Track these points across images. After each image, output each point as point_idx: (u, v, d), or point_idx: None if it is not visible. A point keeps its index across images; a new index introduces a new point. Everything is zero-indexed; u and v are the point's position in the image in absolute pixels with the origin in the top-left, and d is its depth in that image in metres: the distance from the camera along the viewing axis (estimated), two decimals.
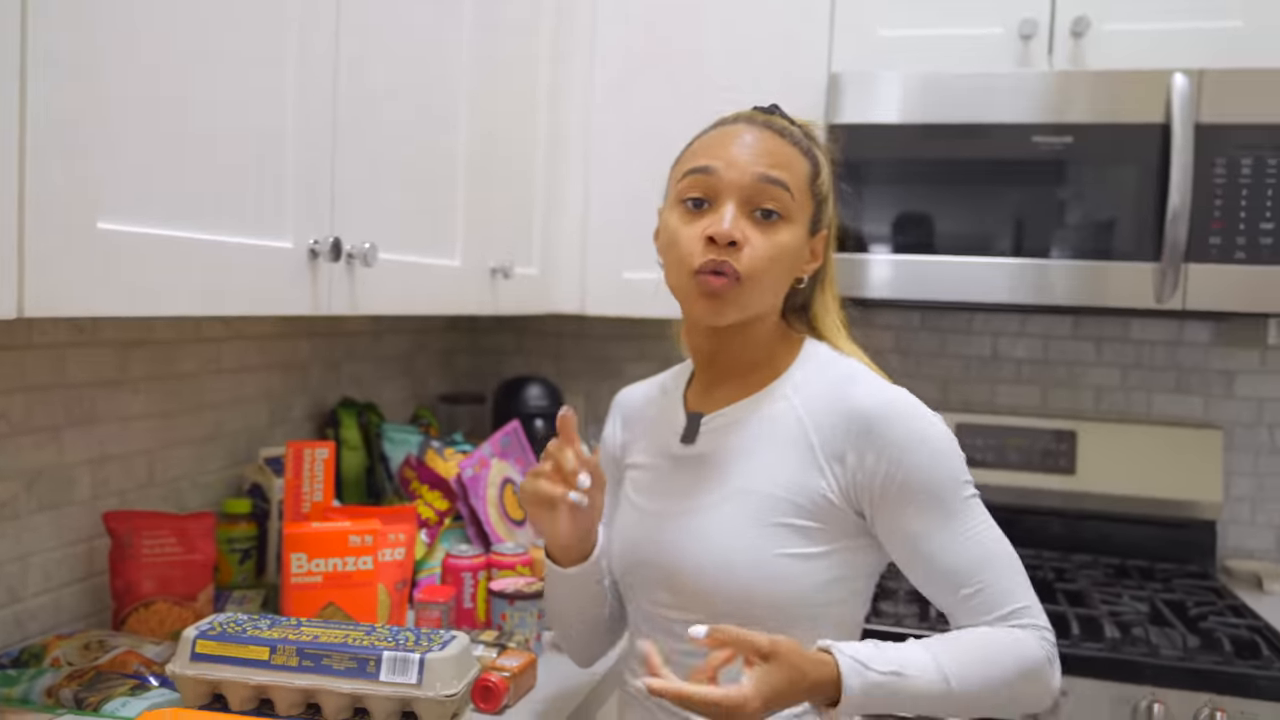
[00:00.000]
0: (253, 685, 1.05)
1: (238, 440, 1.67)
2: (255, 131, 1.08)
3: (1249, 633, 1.64)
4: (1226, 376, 2.15)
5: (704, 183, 1.06)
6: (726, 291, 1.04)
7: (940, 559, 1.03)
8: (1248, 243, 1.75)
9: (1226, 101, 1.75)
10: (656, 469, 1.16)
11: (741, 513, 1.05)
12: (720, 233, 1.03)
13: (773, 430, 1.08)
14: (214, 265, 1.01)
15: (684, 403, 1.18)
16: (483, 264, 1.69)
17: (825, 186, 1.11)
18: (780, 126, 1.10)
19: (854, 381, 1.07)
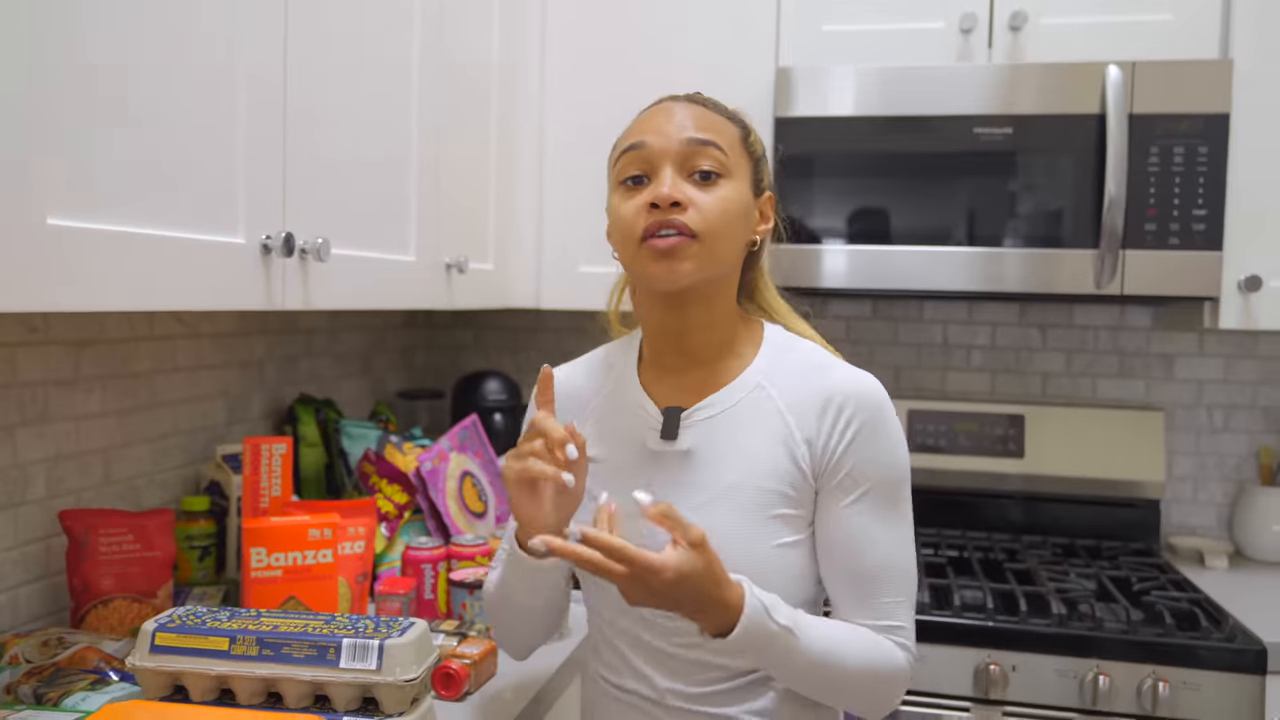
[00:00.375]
0: (213, 675, 1.06)
1: (195, 438, 1.67)
2: (204, 126, 1.08)
3: (1189, 605, 1.71)
4: (1166, 360, 2.22)
5: (638, 158, 1.07)
6: (680, 248, 1.03)
7: (859, 551, 1.05)
8: (1181, 229, 1.81)
9: (1158, 92, 1.81)
10: (623, 463, 1.12)
11: (737, 509, 1.06)
12: (661, 195, 1.03)
13: (755, 422, 1.08)
14: (165, 260, 1.02)
15: (643, 391, 1.14)
16: (437, 259, 1.70)
17: (758, 146, 1.12)
18: (703, 99, 1.12)
19: (828, 369, 1.09)
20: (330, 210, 1.36)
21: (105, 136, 0.94)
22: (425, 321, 2.58)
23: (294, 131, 1.25)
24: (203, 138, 1.08)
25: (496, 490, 1.90)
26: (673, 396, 1.13)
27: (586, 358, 1.25)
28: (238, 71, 1.14)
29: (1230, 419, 2.19)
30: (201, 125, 1.08)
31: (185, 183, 1.06)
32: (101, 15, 0.93)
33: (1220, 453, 2.20)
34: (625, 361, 1.19)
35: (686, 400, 1.12)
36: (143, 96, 0.99)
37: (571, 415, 1.19)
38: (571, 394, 1.21)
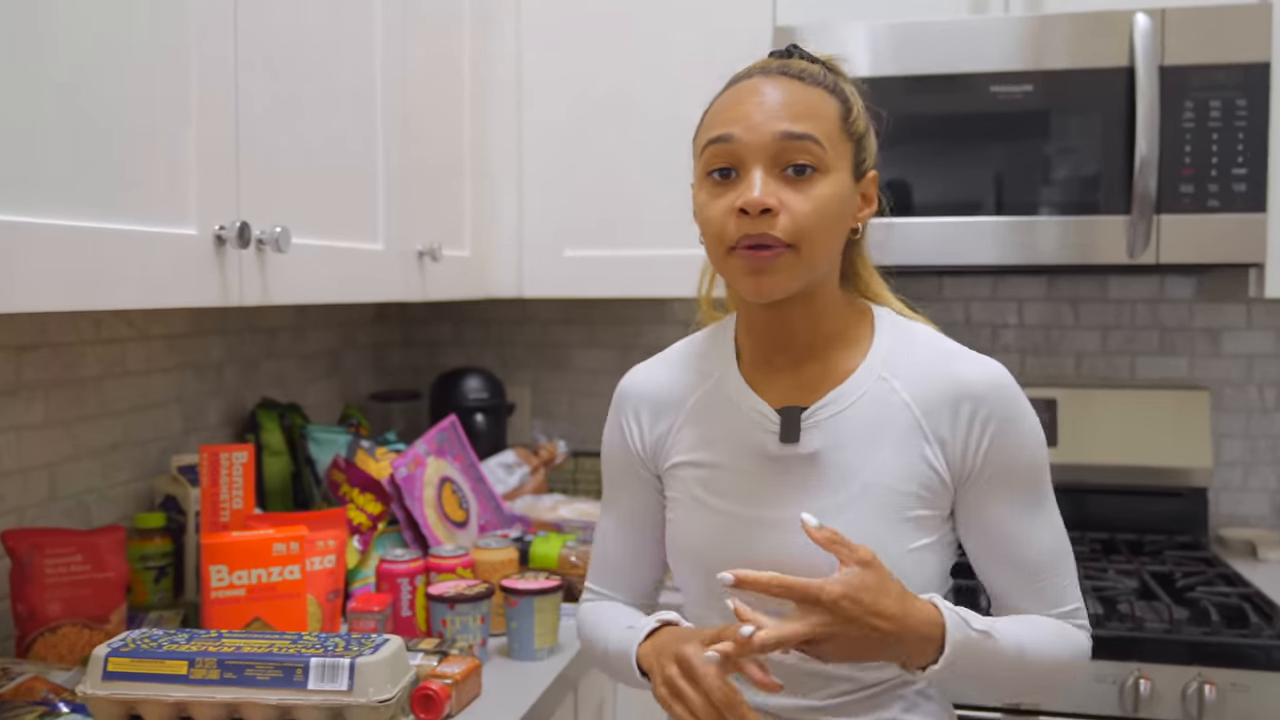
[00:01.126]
0: (171, 702, 1.09)
1: (148, 449, 1.70)
2: (149, 110, 1.10)
3: (1239, 601, 1.72)
4: (1212, 334, 2.24)
5: (725, 151, 1.06)
6: (773, 262, 1.03)
7: (1020, 546, 1.09)
8: (1220, 190, 1.83)
9: (1191, 41, 1.82)
10: (735, 468, 1.12)
11: (871, 513, 1.06)
12: (751, 201, 1.02)
13: (882, 418, 1.08)
14: (110, 256, 1.04)
15: (750, 390, 1.14)
16: (408, 246, 1.72)
17: (860, 122, 1.10)
18: (798, 70, 1.09)
19: (954, 356, 1.10)
20: (289, 197, 1.38)
21: (42, 123, 0.96)
22: (399, 316, 2.60)
23: (248, 115, 1.27)
24: (148, 122, 1.10)
25: (479, 496, 1.92)
26: (786, 395, 1.13)
27: (668, 354, 1.24)
28: (188, 53, 1.15)
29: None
30: (146, 109, 1.10)
31: (129, 171, 1.08)
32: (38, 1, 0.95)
33: (1273, 435, 2.21)
34: (723, 357, 1.18)
35: (802, 398, 1.12)
36: (82, 80, 1.00)
37: (663, 415, 1.19)
38: (660, 392, 1.20)
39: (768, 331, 1.12)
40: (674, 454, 1.17)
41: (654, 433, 1.19)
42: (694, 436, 1.16)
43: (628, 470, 1.22)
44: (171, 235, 1.13)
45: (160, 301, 1.12)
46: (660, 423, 1.19)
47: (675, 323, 2.46)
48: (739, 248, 1.03)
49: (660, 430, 1.19)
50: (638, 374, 1.23)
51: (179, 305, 1.15)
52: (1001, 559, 1.10)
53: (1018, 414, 1.08)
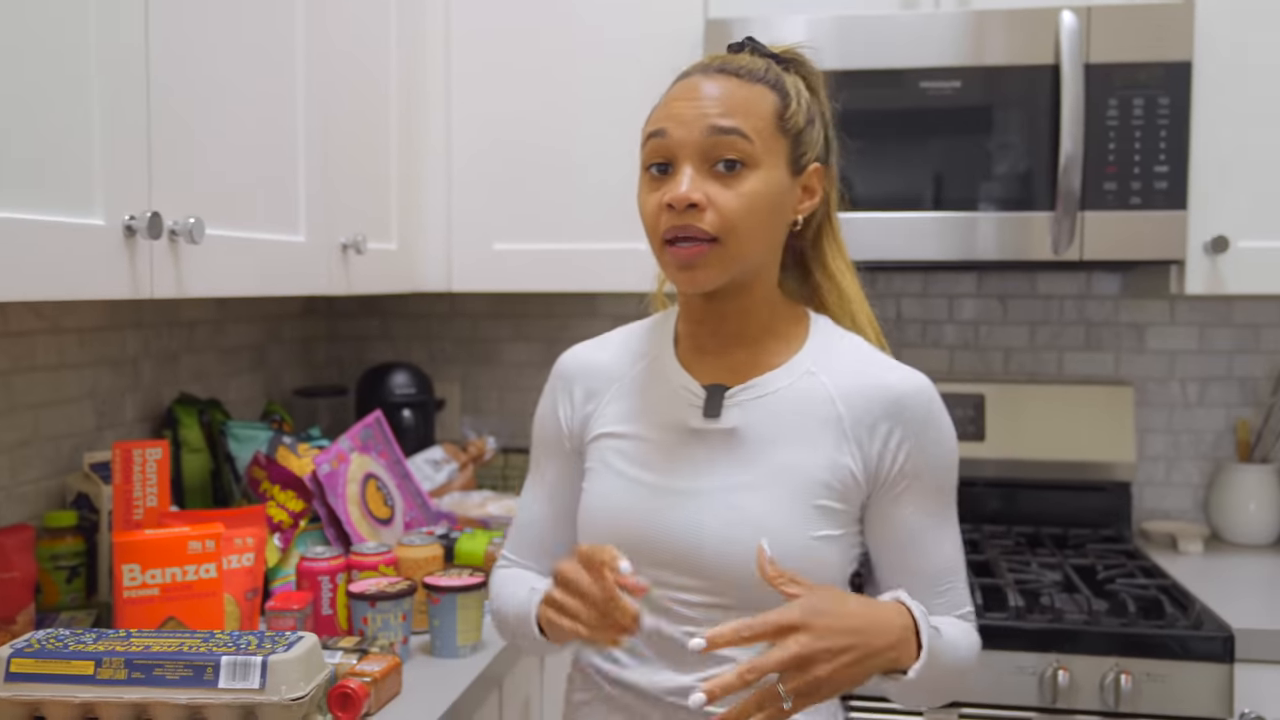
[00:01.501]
0: (76, 703, 1.08)
1: (59, 446, 1.68)
2: (49, 96, 1.10)
3: (1156, 593, 1.78)
4: (1137, 330, 2.31)
5: (660, 147, 1.11)
6: (699, 257, 1.08)
7: (924, 553, 1.16)
8: (1143, 188, 1.88)
9: (1116, 39, 1.88)
10: (657, 440, 1.18)
11: (779, 494, 1.11)
12: (676, 197, 1.07)
13: (806, 409, 1.14)
14: (11, 246, 1.03)
15: (682, 369, 1.20)
16: (331, 239, 1.72)
17: (799, 117, 1.13)
18: (737, 66, 1.13)
19: (880, 364, 1.16)
20: (203, 187, 1.37)
21: None
22: (326, 310, 2.59)
23: (159, 101, 1.27)
24: (48, 109, 1.09)
25: (405, 493, 1.92)
26: (715, 376, 1.19)
27: (608, 336, 1.31)
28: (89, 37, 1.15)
29: (1205, 393, 2.28)
30: (45, 95, 1.09)
31: (30, 159, 1.07)
32: None
33: (1195, 429, 2.29)
34: (660, 339, 1.25)
35: (730, 379, 1.18)
36: None
37: (596, 391, 1.25)
38: (595, 370, 1.26)
39: (702, 318, 1.18)
40: (598, 426, 1.23)
41: (585, 409, 1.25)
42: (621, 410, 1.22)
43: (555, 443, 1.28)
44: (78, 225, 1.12)
45: (67, 294, 1.11)
46: (591, 399, 1.25)
47: (604, 317, 2.48)
48: (669, 242, 1.09)
49: (591, 406, 1.25)
50: (576, 351, 1.29)
51: (87, 297, 1.14)
52: (904, 564, 1.16)
53: (937, 427, 1.14)
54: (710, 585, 1.12)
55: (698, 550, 1.12)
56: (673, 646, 1.14)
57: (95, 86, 1.16)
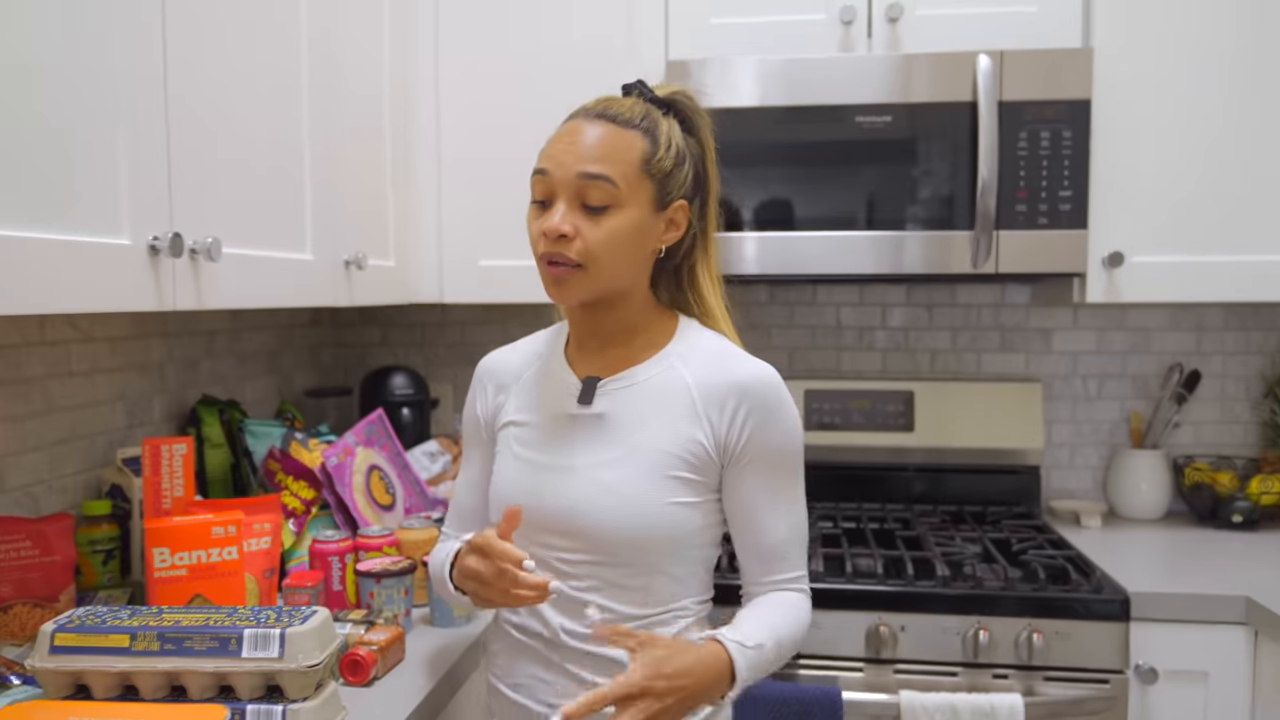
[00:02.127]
0: (115, 672, 1.08)
1: (94, 443, 1.66)
2: (82, 126, 1.09)
3: (1063, 562, 1.81)
4: (1044, 334, 2.34)
5: (542, 183, 1.17)
6: (567, 277, 1.16)
7: (762, 521, 1.21)
8: (1049, 209, 1.91)
9: (1026, 80, 1.91)
10: (544, 425, 1.24)
11: (642, 466, 1.17)
12: (549, 228, 1.14)
13: (664, 394, 1.20)
14: (47, 264, 1.02)
15: (569, 366, 1.26)
16: (335, 256, 1.71)
17: (666, 161, 1.17)
18: (615, 113, 1.17)
19: (733, 357, 1.22)
20: (220, 209, 1.36)
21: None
22: (331, 320, 2.57)
23: (178, 131, 1.26)
24: (80, 140, 1.08)
25: (404, 482, 1.92)
26: (592, 370, 1.25)
27: (520, 342, 1.38)
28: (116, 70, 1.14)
29: (1103, 387, 2.32)
30: (77, 128, 1.08)
31: (64, 186, 1.06)
32: None
33: (1095, 420, 2.32)
34: (556, 342, 1.32)
35: (604, 373, 1.24)
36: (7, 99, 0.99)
37: (504, 387, 1.32)
38: (504, 369, 1.33)
39: (581, 323, 1.26)
40: (503, 417, 1.30)
41: (494, 402, 1.32)
42: (519, 402, 1.29)
43: (476, 433, 1.35)
44: (107, 245, 1.11)
45: (98, 306, 1.10)
46: (501, 393, 1.32)
47: None
48: (544, 261, 1.17)
49: (499, 400, 1.32)
50: (491, 355, 1.37)
51: (116, 309, 1.13)
52: (746, 535, 1.22)
53: (778, 409, 1.19)
54: (585, 545, 1.18)
55: (572, 517, 1.18)
56: (559, 597, 1.20)
57: (122, 121, 1.15)
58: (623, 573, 1.18)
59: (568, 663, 1.21)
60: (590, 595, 1.19)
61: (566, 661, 1.21)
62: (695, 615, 1.23)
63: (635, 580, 1.18)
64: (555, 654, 1.22)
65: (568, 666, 1.21)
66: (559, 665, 1.21)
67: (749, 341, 1.27)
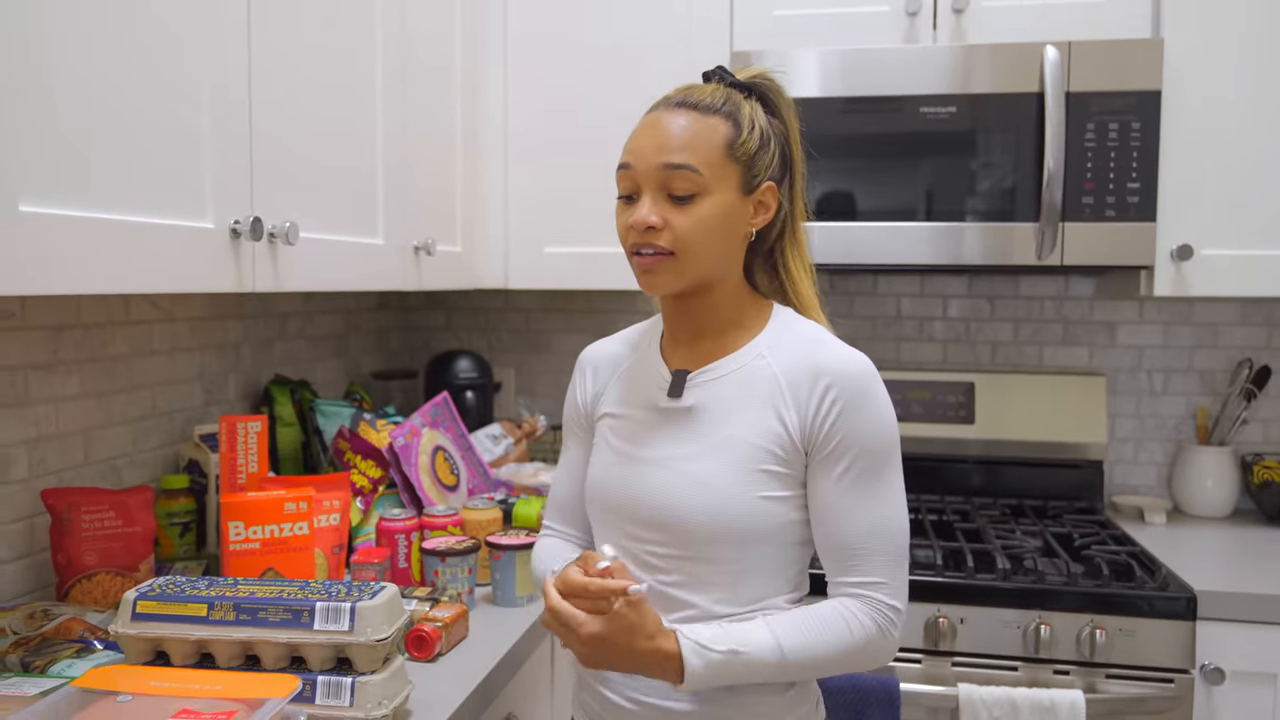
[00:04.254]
0: (193, 640, 1.09)
1: (173, 419, 1.69)
2: (167, 113, 1.10)
3: (1127, 558, 1.76)
4: (1108, 327, 2.27)
5: (627, 177, 1.14)
6: (656, 265, 1.12)
7: (842, 518, 1.11)
8: (1116, 201, 1.86)
9: (1094, 71, 1.85)
10: (639, 419, 1.21)
11: (729, 459, 1.13)
12: (636, 221, 1.12)
13: (752, 386, 1.15)
14: (135, 245, 1.03)
15: (663, 359, 1.23)
16: (405, 242, 1.72)
17: (751, 144, 1.14)
18: (696, 100, 1.14)
19: (823, 344, 1.15)
20: (298, 195, 1.37)
21: (71, 126, 0.96)
22: (398, 304, 2.60)
23: (260, 116, 1.27)
24: (166, 127, 1.10)
25: (468, 463, 1.92)
26: (685, 363, 1.21)
27: (621, 333, 1.34)
28: (201, 59, 1.15)
29: (1169, 382, 2.25)
30: (164, 114, 1.09)
31: (150, 169, 1.07)
32: (59, 10, 0.95)
33: (1159, 415, 2.25)
34: (652, 334, 1.28)
35: (695, 365, 1.20)
36: (105, 90, 1.00)
37: (602, 378, 1.29)
38: (604, 360, 1.31)
39: (673, 315, 1.22)
40: (601, 408, 1.27)
41: (593, 391, 1.29)
42: (615, 394, 1.26)
43: (576, 422, 1.31)
44: (190, 228, 1.13)
45: (181, 287, 1.12)
46: (598, 383, 1.29)
47: (639, 312, 2.47)
48: (635, 254, 1.14)
49: (598, 389, 1.29)
50: (593, 345, 1.34)
51: (199, 290, 1.15)
52: (824, 529, 1.13)
53: (868, 398, 1.11)
54: (673, 539, 1.14)
55: (662, 510, 1.14)
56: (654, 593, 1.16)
57: (206, 109, 1.16)
58: (711, 568, 1.13)
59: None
60: (677, 591, 1.15)
61: None
62: None
63: (723, 576, 1.13)
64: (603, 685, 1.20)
65: None
66: None
67: None
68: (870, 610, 1.10)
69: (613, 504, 1.19)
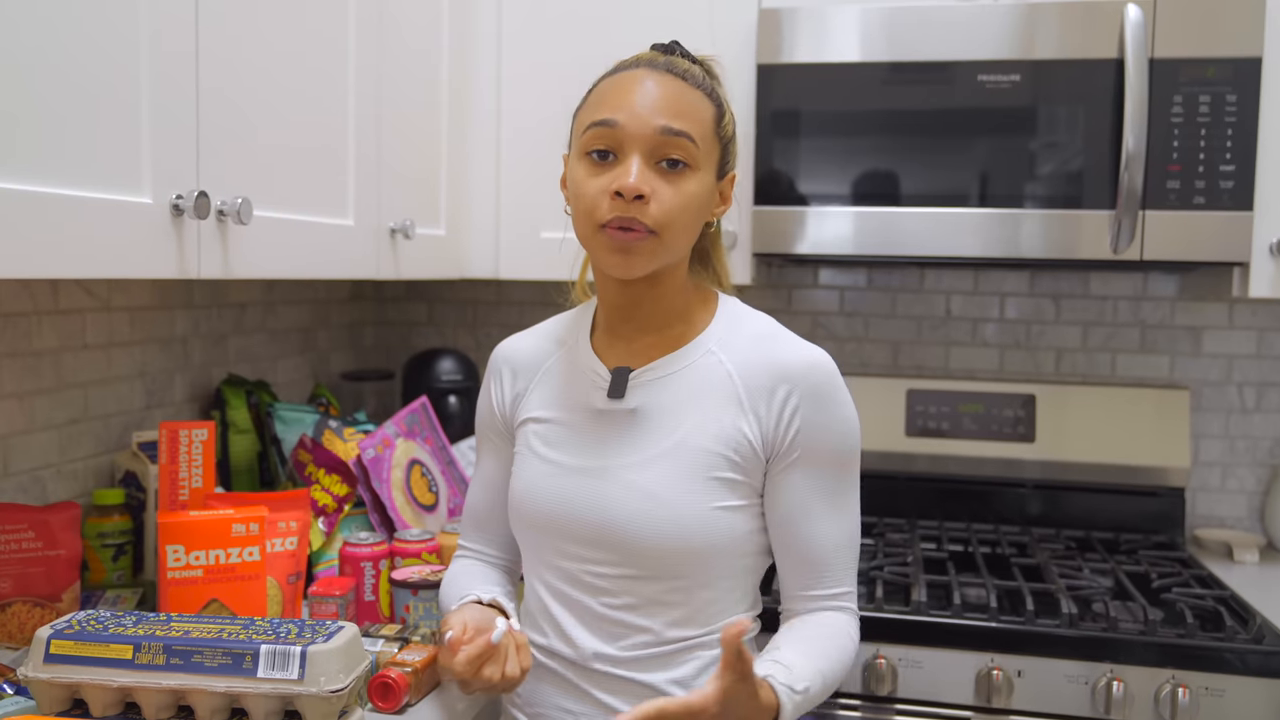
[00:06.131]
0: (115, 688, 1.05)
1: (108, 424, 1.65)
2: (99, 68, 1.06)
3: (1214, 604, 1.71)
4: (1193, 333, 2.22)
5: (608, 135, 1.13)
6: (638, 244, 1.12)
7: (809, 528, 1.17)
8: (1207, 187, 1.80)
9: (1183, 34, 1.80)
10: (570, 423, 1.22)
11: (681, 466, 1.15)
12: (627, 186, 1.09)
13: (704, 385, 1.18)
14: (58, 223, 1.00)
15: (594, 355, 1.24)
16: (379, 223, 1.68)
17: (730, 128, 1.19)
18: (682, 69, 1.16)
19: (779, 338, 1.20)
20: (253, 167, 1.34)
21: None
22: (373, 294, 2.56)
23: (208, 79, 1.23)
24: (96, 85, 1.06)
25: (449, 480, 1.88)
26: (624, 360, 1.23)
27: (536, 328, 1.36)
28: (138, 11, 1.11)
29: (1263, 398, 2.19)
30: (94, 71, 1.05)
31: (77, 135, 1.03)
32: None
33: (1252, 435, 2.20)
34: (579, 329, 1.29)
35: (637, 363, 1.22)
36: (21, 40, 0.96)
37: (521, 377, 1.30)
38: (523, 358, 1.31)
39: (618, 304, 1.22)
40: (524, 412, 1.28)
41: (512, 392, 1.30)
42: (541, 396, 1.27)
43: (492, 429, 1.33)
44: (125, 203, 1.09)
45: (114, 272, 1.08)
46: (518, 383, 1.30)
47: None
48: (609, 227, 1.12)
49: (517, 390, 1.30)
50: (507, 342, 1.35)
51: (134, 276, 1.11)
52: (791, 541, 1.18)
53: (831, 400, 1.16)
54: (620, 557, 1.16)
55: (606, 525, 1.16)
56: (586, 615, 1.19)
57: (144, 62, 1.12)
58: (664, 588, 1.16)
59: (597, 690, 1.19)
60: (627, 615, 1.17)
61: (596, 689, 1.19)
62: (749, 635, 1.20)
63: (677, 596, 1.16)
64: (584, 680, 1.20)
65: (596, 694, 1.19)
66: (586, 693, 1.20)
67: (842, 331, 1.21)
68: (854, 620, 1.20)
69: (545, 520, 1.20)
